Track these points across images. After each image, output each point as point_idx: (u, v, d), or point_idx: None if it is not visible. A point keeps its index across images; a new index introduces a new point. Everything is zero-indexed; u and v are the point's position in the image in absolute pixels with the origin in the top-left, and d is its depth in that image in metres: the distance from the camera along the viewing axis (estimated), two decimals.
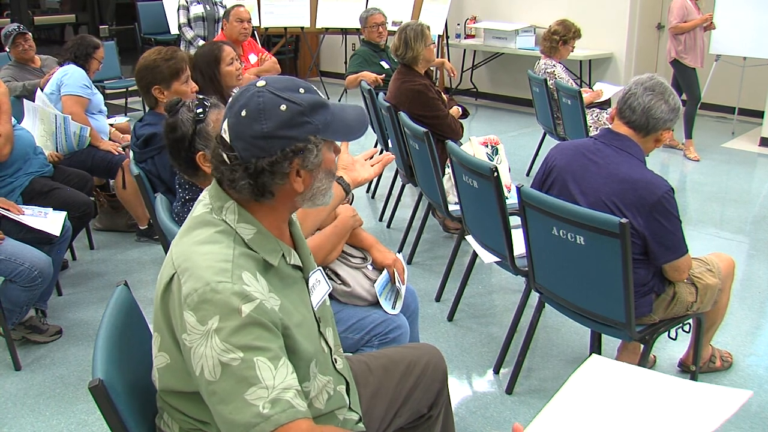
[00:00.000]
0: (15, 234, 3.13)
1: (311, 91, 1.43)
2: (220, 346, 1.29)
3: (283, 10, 8.96)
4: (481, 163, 2.98)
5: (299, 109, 1.38)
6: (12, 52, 4.97)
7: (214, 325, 1.30)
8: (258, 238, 1.44)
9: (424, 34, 4.30)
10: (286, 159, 1.38)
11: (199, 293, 1.32)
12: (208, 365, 1.30)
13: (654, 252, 2.38)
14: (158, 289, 1.43)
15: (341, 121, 1.45)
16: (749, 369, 3.06)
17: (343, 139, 1.49)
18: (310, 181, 1.45)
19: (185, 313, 1.32)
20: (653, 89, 2.43)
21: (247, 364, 1.29)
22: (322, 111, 1.41)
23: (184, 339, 1.33)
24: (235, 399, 1.29)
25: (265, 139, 1.37)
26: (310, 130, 1.39)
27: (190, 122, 2.25)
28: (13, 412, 2.82)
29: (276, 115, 1.37)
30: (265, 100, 1.38)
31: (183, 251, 1.41)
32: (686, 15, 6.10)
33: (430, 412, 1.95)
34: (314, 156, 1.41)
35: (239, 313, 1.31)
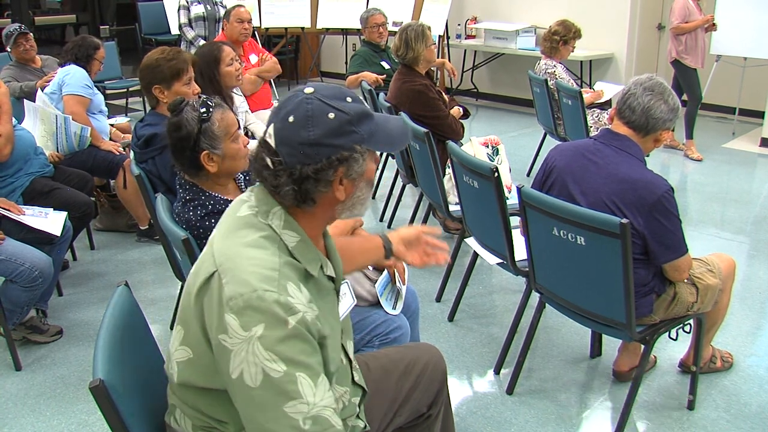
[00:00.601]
0: (15, 234, 3.13)
1: (358, 100, 1.44)
2: (264, 355, 1.29)
3: (283, 11, 8.97)
4: (481, 163, 2.98)
5: (347, 118, 1.39)
6: (13, 52, 4.98)
7: (258, 332, 1.30)
8: (301, 247, 1.44)
9: (425, 35, 4.30)
10: (331, 167, 1.39)
11: (245, 298, 1.31)
12: (250, 371, 1.30)
13: (654, 252, 2.38)
14: (193, 284, 1.42)
15: (384, 131, 1.46)
16: (750, 369, 3.06)
17: (385, 150, 1.50)
18: (352, 190, 1.46)
19: (227, 315, 1.32)
20: (652, 89, 2.43)
21: (290, 377, 1.30)
22: (367, 121, 1.42)
23: (222, 340, 1.32)
24: (273, 409, 1.30)
25: (311, 146, 1.37)
26: (356, 139, 1.40)
27: (195, 121, 2.26)
28: (14, 412, 2.82)
29: (324, 123, 1.37)
30: (313, 107, 1.38)
31: (227, 250, 1.40)
32: (688, 15, 6.10)
33: (430, 411, 1.95)
34: (359, 165, 1.42)
35: (285, 324, 1.31)
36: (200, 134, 2.26)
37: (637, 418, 2.75)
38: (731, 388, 2.93)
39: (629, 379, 2.81)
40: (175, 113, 2.31)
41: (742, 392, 2.90)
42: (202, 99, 2.32)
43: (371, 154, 1.46)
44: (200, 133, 2.26)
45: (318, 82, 9.36)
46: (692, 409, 2.78)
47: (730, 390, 2.92)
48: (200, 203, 2.28)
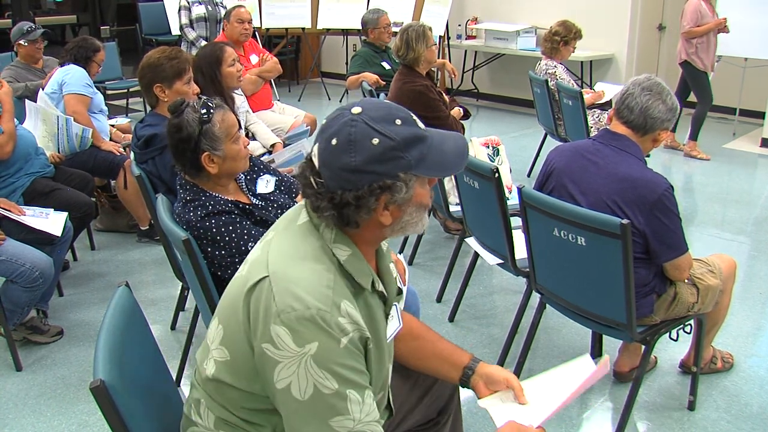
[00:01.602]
0: (16, 234, 3.13)
1: (409, 122, 1.37)
2: (318, 372, 1.30)
3: (284, 11, 8.97)
4: (482, 164, 2.98)
5: (392, 144, 1.32)
6: (25, 49, 4.90)
7: (312, 350, 1.29)
8: (352, 260, 1.41)
9: (426, 35, 4.30)
10: (372, 194, 1.33)
11: (298, 314, 1.30)
12: (300, 385, 1.30)
13: (655, 250, 2.38)
14: (241, 284, 1.40)
15: (438, 155, 1.38)
16: (750, 370, 3.06)
17: (436, 176, 1.42)
18: (399, 215, 1.40)
19: (276, 327, 1.30)
20: (651, 89, 2.44)
21: (340, 395, 1.31)
22: (417, 145, 1.35)
23: (267, 349, 1.32)
24: (319, 423, 1.31)
25: (353, 173, 1.32)
26: (401, 166, 1.33)
27: (196, 123, 2.26)
28: (14, 412, 2.82)
29: (366, 149, 1.31)
30: (357, 131, 1.32)
31: (282, 259, 1.38)
32: (700, 19, 6.07)
33: (439, 417, 1.94)
34: (404, 192, 1.35)
35: (338, 343, 1.31)
36: (201, 136, 2.26)
37: (637, 419, 2.75)
38: (732, 388, 2.93)
39: (630, 380, 2.81)
40: (176, 114, 2.31)
41: (743, 393, 2.90)
42: (202, 100, 2.32)
43: (421, 179, 1.39)
44: (201, 135, 2.26)
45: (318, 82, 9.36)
46: (693, 410, 2.78)
47: (730, 391, 2.91)
48: (201, 204, 2.28)
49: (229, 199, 2.32)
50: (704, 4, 6.11)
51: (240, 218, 2.28)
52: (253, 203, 2.39)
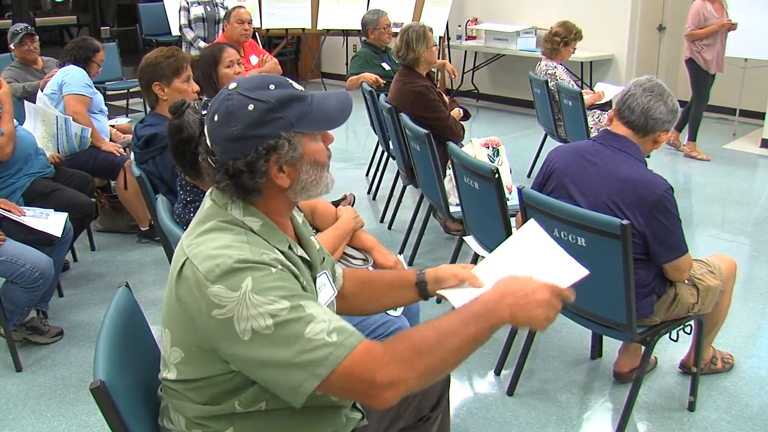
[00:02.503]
0: (16, 235, 3.13)
1: (283, 85, 1.43)
2: (263, 300, 1.31)
3: (284, 12, 8.97)
4: (482, 164, 2.98)
5: (267, 106, 1.38)
6: (16, 51, 4.97)
7: (249, 285, 1.32)
8: (265, 229, 1.45)
9: (426, 36, 4.31)
10: (260, 158, 1.39)
11: (222, 266, 1.33)
12: (260, 323, 1.31)
13: (655, 252, 2.38)
14: (170, 282, 1.43)
15: (320, 111, 1.45)
16: (751, 371, 3.06)
17: (320, 130, 1.47)
18: (296, 175, 1.44)
19: (210, 288, 1.32)
20: (652, 90, 2.44)
21: (296, 308, 1.32)
22: (295, 104, 1.42)
23: (217, 315, 1.32)
24: (298, 341, 1.31)
25: (237, 141, 1.39)
26: (281, 125, 1.39)
27: (197, 124, 2.25)
28: (14, 413, 2.82)
29: (244, 116, 1.38)
30: (233, 103, 1.39)
31: (193, 240, 1.42)
32: (702, 21, 6.06)
33: (431, 413, 1.95)
34: (291, 150, 1.41)
35: (269, 271, 1.35)
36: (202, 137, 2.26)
37: (637, 420, 2.75)
38: (732, 389, 2.93)
39: (630, 380, 2.81)
40: (177, 115, 2.30)
41: (743, 393, 2.90)
42: (203, 101, 2.31)
43: (308, 135, 1.44)
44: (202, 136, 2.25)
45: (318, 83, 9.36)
46: (693, 411, 2.77)
47: (731, 391, 2.91)
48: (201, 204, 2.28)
49: None
50: (710, 5, 6.09)
51: None
52: None
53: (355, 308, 1.86)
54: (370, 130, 5.54)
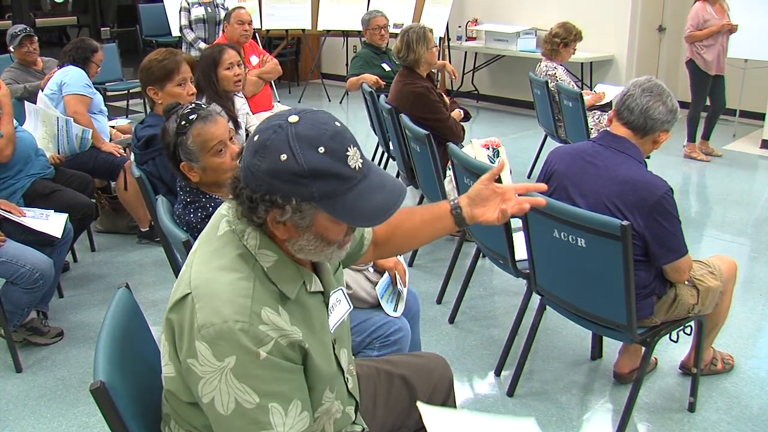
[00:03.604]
0: (16, 236, 3.13)
1: (334, 155, 1.26)
2: (237, 386, 1.29)
3: (284, 12, 8.97)
4: (482, 165, 2.98)
5: (296, 168, 1.25)
6: (16, 53, 4.98)
7: (231, 364, 1.29)
8: (278, 267, 1.38)
9: (427, 37, 4.31)
10: (263, 203, 1.29)
11: (216, 329, 1.29)
12: (222, 400, 1.30)
13: (655, 253, 2.38)
14: (170, 303, 1.41)
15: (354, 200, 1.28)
16: (751, 371, 3.06)
17: (341, 221, 1.32)
18: (294, 236, 1.35)
19: (198, 342, 1.30)
20: (651, 90, 2.44)
21: (261, 409, 1.30)
22: (330, 181, 1.26)
23: (192, 365, 1.32)
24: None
25: (254, 175, 1.29)
26: (300, 193, 1.26)
27: (174, 132, 2.26)
28: (14, 414, 2.82)
29: (272, 160, 1.26)
30: (274, 139, 1.27)
31: (202, 274, 1.37)
32: (701, 23, 6.06)
33: None
34: (297, 217, 1.30)
35: (257, 357, 1.30)
36: (177, 146, 2.26)
37: (637, 420, 2.75)
38: (732, 390, 2.93)
39: (630, 381, 2.81)
40: (166, 118, 2.32)
41: (743, 394, 2.90)
42: (190, 108, 2.30)
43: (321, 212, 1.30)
44: (178, 145, 2.26)
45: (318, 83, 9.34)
46: (693, 411, 2.77)
47: (731, 392, 2.91)
48: (201, 205, 2.28)
49: None
50: (710, 7, 6.09)
51: None
52: None
53: (391, 251, 1.84)
54: (370, 130, 5.54)
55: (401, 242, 1.82)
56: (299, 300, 1.42)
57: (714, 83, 6.23)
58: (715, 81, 6.22)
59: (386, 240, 1.81)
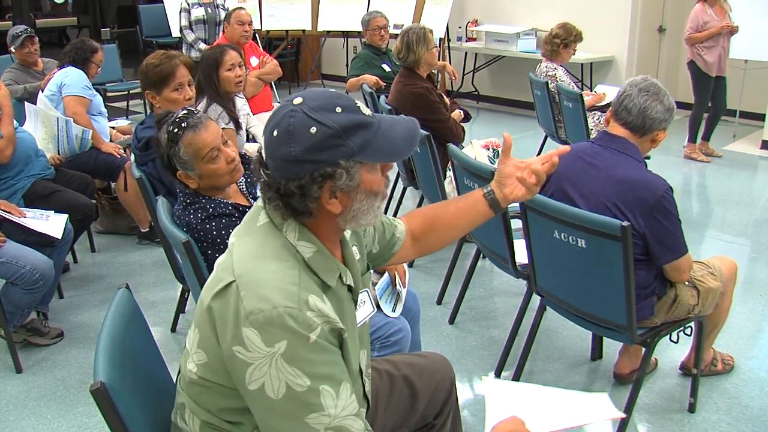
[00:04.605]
0: (16, 236, 3.13)
1: (350, 109, 1.35)
2: (288, 370, 1.30)
3: (284, 13, 8.97)
4: (482, 166, 2.98)
5: (330, 131, 1.32)
6: (17, 54, 4.99)
7: (281, 349, 1.30)
8: (317, 258, 1.42)
9: (427, 38, 4.31)
10: (314, 182, 1.34)
11: (266, 315, 1.30)
12: (273, 385, 1.31)
13: (655, 252, 2.38)
14: (209, 290, 1.41)
15: (384, 140, 1.37)
16: (751, 372, 3.06)
17: (383, 161, 1.41)
18: (349, 203, 1.39)
19: (246, 329, 1.31)
20: (648, 90, 2.44)
21: (313, 392, 1.31)
22: (360, 131, 1.34)
23: (239, 352, 1.32)
24: (295, 420, 1.32)
25: (293, 163, 1.33)
26: (342, 153, 1.33)
27: (166, 144, 2.26)
28: (15, 414, 2.82)
29: (305, 138, 1.31)
30: (295, 122, 1.32)
31: (246, 261, 1.39)
32: (701, 24, 6.05)
33: (435, 421, 1.94)
34: (348, 179, 1.35)
35: (307, 340, 1.31)
36: (171, 157, 2.26)
37: (638, 421, 2.75)
38: (732, 390, 2.93)
39: (630, 382, 2.80)
40: (158, 129, 2.32)
41: (743, 395, 2.90)
42: (179, 117, 2.29)
43: (369, 165, 1.38)
44: (171, 156, 2.26)
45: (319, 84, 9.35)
46: (693, 412, 2.77)
47: (731, 393, 2.91)
48: (201, 206, 2.28)
49: (229, 202, 2.32)
50: (710, 9, 6.08)
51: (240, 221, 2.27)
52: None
53: (433, 244, 1.87)
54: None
55: (441, 233, 1.86)
56: (336, 292, 1.45)
57: (715, 85, 6.23)
58: (716, 82, 6.22)
59: (424, 233, 1.85)
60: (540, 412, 1.68)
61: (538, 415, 1.66)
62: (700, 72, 6.17)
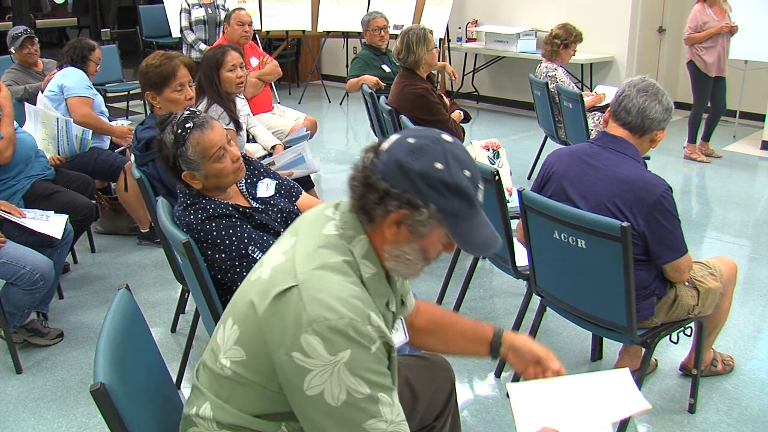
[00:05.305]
0: (16, 237, 3.13)
1: (473, 181, 1.40)
2: (351, 379, 1.33)
3: (284, 14, 8.97)
4: (482, 166, 2.98)
5: (447, 180, 1.36)
6: (17, 54, 4.99)
7: (344, 358, 1.33)
8: (374, 279, 1.45)
9: (427, 38, 4.31)
10: (398, 200, 1.37)
11: (330, 324, 1.33)
12: (333, 392, 1.33)
13: (655, 252, 2.38)
14: (264, 291, 1.41)
15: (470, 227, 1.41)
16: (751, 373, 3.06)
17: (454, 239, 1.43)
18: (403, 241, 1.43)
19: (308, 336, 1.32)
20: (646, 90, 2.44)
21: (372, 399, 1.36)
22: (463, 202, 1.38)
23: (297, 358, 1.34)
24: (354, 426, 1.36)
25: (401, 171, 1.36)
26: (439, 202, 1.37)
27: (172, 144, 2.25)
28: (15, 415, 2.82)
29: (427, 165, 1.36)
30: (433, 148, 1.38)
31: (310, 269, 1.40)
32: (700, 25, 6.05)
33: (435, 423, 1.94)
34: (421, 224, 1.38)
35: (369, 351, 1.35)
36: (177, 158, 2.25)
37: (638, 422, 2.75)
38: (732, 391, 2.93)
39: None
40: (161, 130, 2.30)
41: (744, 396, 2.90)
42: (184, 116, 2.28)
43: (442, 231, 1.41)
44: (177, 156, 2.25)
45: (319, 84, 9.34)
46: (693, 413, 2.77)
47: (731, 393, 2.91)
48: (201, 207, 2.28)
49: (230, 202, 2.32)
50: (709, 9, 6.08)
51: (240, 222, 2.27)
52: (253, 207, 2.39)
53: (421, 344, 1.89)
54: (370, 132, 5.54)
55: (434, 342, 1.90)
56: (384, 318, 1.48)
57: (715, 85, 6.23)
58: (715, 83, 6.22)
59: (423, 330, 1.87)
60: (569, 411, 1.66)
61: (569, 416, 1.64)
62: (700, 72, 6.17)
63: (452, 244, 1.47)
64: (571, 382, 1.74)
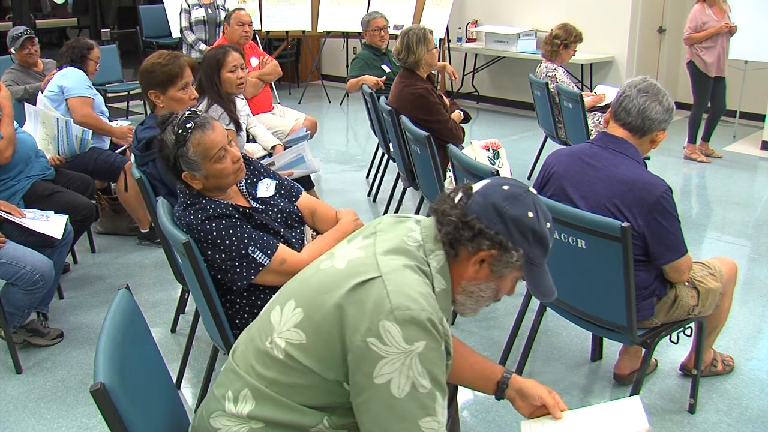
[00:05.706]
0: (16, 237, 3.13)
1: (551, 233, 1.53)
2: (419, 370, 1.38)
3: (284, 14, 8.98)
4: (482, 166, 2.98)
5: (536, 230, 1.48)
6: (17, 55, 5.00)
7: (419, 348, 1.38)
8: (443, 295, 1.51)
9: (427, 38, 4.31)
10: (490, 240, 1.47)
11: (413, 314, 1.38)
12: (399, 382, 1.37)
13: (654, 253, 2.38)
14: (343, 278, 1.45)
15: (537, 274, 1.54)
16: (751, 373, 3.06)
17: (529, 284, 1.56)
18: (482, 278, 1.52)
19: (387, 322, 1.37)
20: (647, 91, 2.44)
21: (432, 396, 1.40)
22: (540, 251, 1.51)
23: (373, 344, 1.37)
24: (410, 421, 1.39)
25: (497, 214, 1.47)
26: (524, 248, 1.48)
27: (173, 144, 2.25)
28: (15, 415, 2.82)
29: (520, 212, 1.48)
30: (526, 196, 1.50)
31: (393, 264, 1.46)
32: (700, 25, 6.05)
33: None
34: (505, 265, 1.49)
35: (440, 346, 1.42)
36: (178, 158, 2.25)
37: None
38: (732, 391, 2.93)
39: (630, 383, 2.81)
40: (161, 130, 2.30)
41: (744, 396, 2.90)
42: (185, 116, 2.28)
43: (518, 272, 1.52)
44: (178, 157, 2.25)
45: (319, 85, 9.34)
46: (693, 413, 2.77)
47: (731, 393, 2.91)
48: (201, 207, 2.28)
49: (230, 203, 2.32)
50: (709, 9, 6.09)
51: (240, 222, 2.27)
52: (253, 207, 2.39)
53: None
54: (370, 132, 5.54)
55: None
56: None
57: (715, 85, 6.23)
58: (715, 83, 6.22)
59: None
60: None
61: None
62: (699, 72, 6.17)
63: (514, 288, 1.59)
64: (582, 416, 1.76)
